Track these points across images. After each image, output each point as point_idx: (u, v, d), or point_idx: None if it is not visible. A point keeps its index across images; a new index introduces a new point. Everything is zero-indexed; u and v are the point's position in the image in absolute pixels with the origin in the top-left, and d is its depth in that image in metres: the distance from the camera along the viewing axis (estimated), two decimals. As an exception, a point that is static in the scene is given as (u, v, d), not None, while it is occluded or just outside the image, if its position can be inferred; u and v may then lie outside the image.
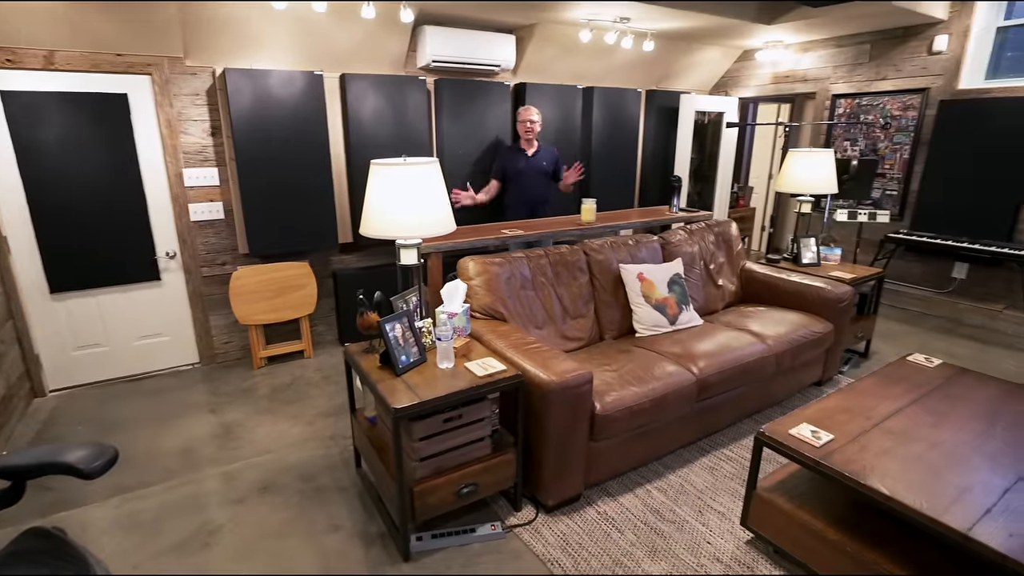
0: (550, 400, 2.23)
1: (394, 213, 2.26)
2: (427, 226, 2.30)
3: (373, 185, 2.30)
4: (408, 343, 2.33)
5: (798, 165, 3.70)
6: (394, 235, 2.27)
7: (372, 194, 2.30)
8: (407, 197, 2.26)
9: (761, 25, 4.45)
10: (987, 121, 4.09)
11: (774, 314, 3.37)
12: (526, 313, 2.93)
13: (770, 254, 3.89)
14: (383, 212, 2.27)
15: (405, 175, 2.25)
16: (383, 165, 2.27)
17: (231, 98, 3.49)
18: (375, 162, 2.30)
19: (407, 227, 2.27)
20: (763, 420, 3.14)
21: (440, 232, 2.34)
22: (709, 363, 2.78)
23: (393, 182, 2.25)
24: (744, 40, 5.03)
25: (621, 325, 3.19)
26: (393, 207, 2.26)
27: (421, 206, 2.28)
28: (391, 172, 2.25)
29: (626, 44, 4.28)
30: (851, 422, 2.19)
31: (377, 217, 2.28)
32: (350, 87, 3.89)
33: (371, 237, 2.32)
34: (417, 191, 2.27)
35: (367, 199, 2.33)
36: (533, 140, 4.05)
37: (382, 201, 2.27)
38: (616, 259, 3.22)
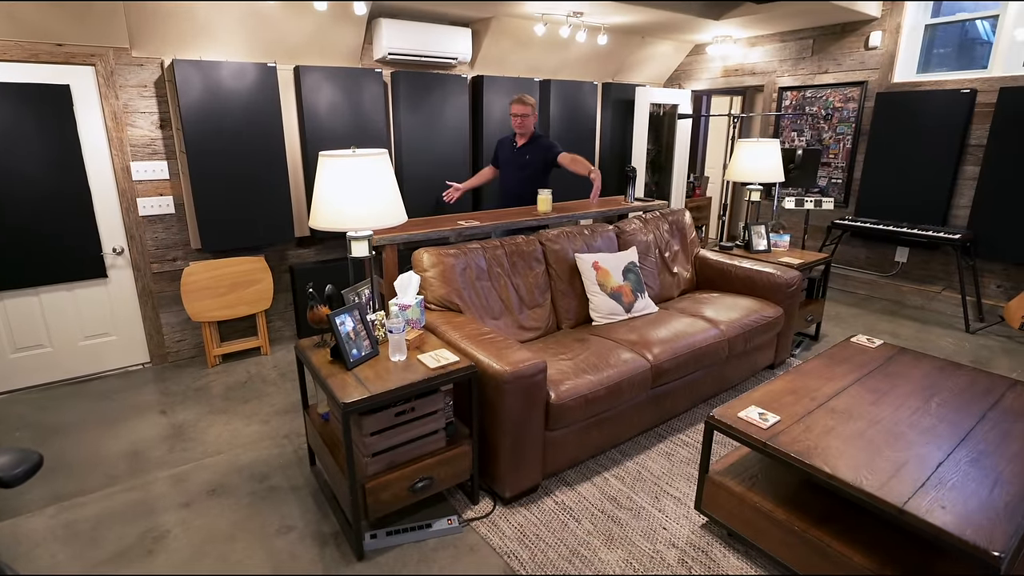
0: (504, 390, 2.17)
1: (343, 205, 2.16)
2: (377, 217, 2.20)
3: (322, 177, 2.19)
4: (360, 337, 2.23)
5: (746, 155, 3.72)
6: (344, 227, 2.17)
7: (321, 186, 2.19)
8: (356, 188, 2.16)
9: (710, 20, 4.46)
10: (920, 112, 4.20)
11: (727, 300, 3.38)
12: (482, 304, 2.86)
13: (724, 242, 3.91)
14: (332, 204, 2.16)
15: (354, 166, 2.15)
16: (332, 157, 2.16)
17: (180, 90, 3.30)
18: (323, 154, 2.19)
19: (357, 219, 2.17)
20: (718, 404, 3.15)
21: (391, 223, 2.25)
22: (663, 350, 2.77)
23: (342, 173, 2.15)
24: (694, 35, 5.05)
25: (578, 314, 3.15)
26: (342, 199, 2.15)
27: (371, 197, 2.18)
28: (340, 163, 2.15)
29: (580, 38, 4.23)
30: (797, 403, 2.20)
31: (326, 209, 2.17)
32: (305, 79, 3.73)
33: (320, 230, 2.21)
34: (367, 182, 2.17)
35: (316, 191, 2.22)
36: (525, 132, 3.72)
37: (331, 193, 2.16)
38: (572, 248, 3.18)
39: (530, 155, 3.70)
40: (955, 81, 4.10)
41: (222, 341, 3.91)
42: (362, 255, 2.33)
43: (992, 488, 1.69)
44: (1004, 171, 3.87)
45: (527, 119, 3.61)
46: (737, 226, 6.08)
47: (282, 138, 3.69)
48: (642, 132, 5.24)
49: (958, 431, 2.00)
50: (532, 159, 3.70)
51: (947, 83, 4.13)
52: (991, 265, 4.09)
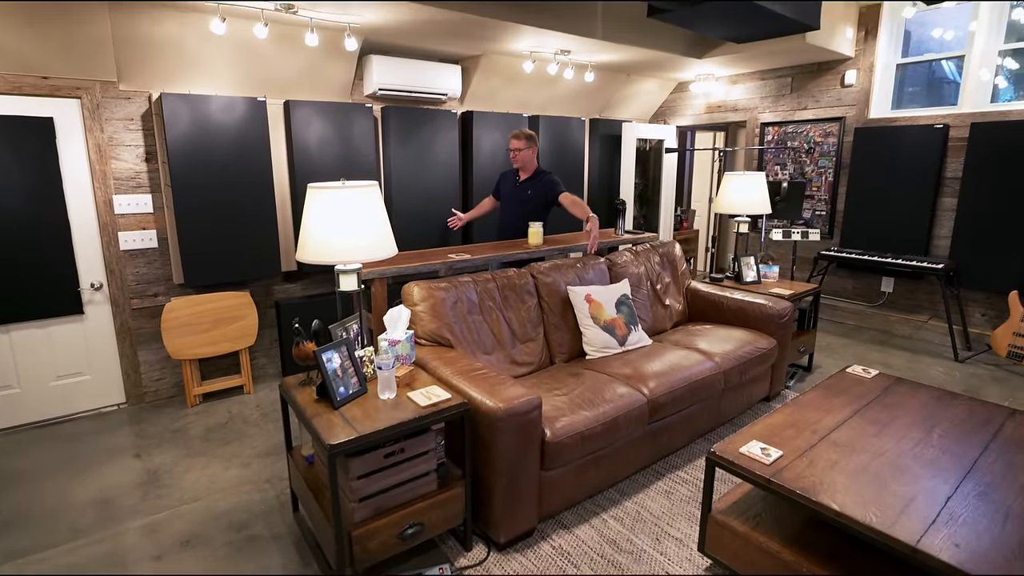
0: (498, 428, 2.08)
1: (332, 237, 2.10)
2: (367, 250, 2.15)
3: (310, 209, 2.14)
4: (347, 374, 2.14)
5: (733, 188, 3.75)
6: (332, 260, 2.11)
7: (309, 218, 2.14)
8: (346, 221, 2.11)
9: (693, 59, 4.58)
10: (896, 146, 4.31)
11: (720, 331, 3.35)
12: (474, 338, 2.79)
13: (713, 273, 3.91)
14: (321, 236, 2.11)
15: (343, 198, 2.11)
16: (321, 188, 2.12)
17: (168, 123, 3.26)
18: (312, 185, 2.14)
19: (346, 251, 2.11)
20: (716, 439, 3.08)
21: (380, 257, 2.20)
22: (659, 383, 2.71)
23: (331, 206, 2.10)
24: (678, 73, 5.18)
25: (571, 348, 3.09)
26: (331, 231, 2.10)
27: (360, 230, 2.13)
28: (329, 195, 2.10)
29: (568, 75, 4.31)
30: (798, 437, 2.14)
31: (315, 242, 2.11)
32: (295, 114, 3.72)
33: (308, 263, 2.15)
34: (356, 215, 2.12)
35: (304, 223, 2.16)
36: (524, 167, 3.71)
37: (320, 225, 2.11)
38: (564, 281, 3.14)
39: (532, 191, 3.70)
40: (928, 117, 4.23)
41: (203, 380, 3.77)
42: (351, 289, 2.26)
43: (1004, 523, 1.63)
44: (981, 202, 3.96)
45: (520, 153, 3.62)
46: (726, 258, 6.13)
47: (270, 172, 3.66)
48: (629, 166, 5.30)
49: (962, 463, 1.95)
50: (533, 195, 3.70)
51: (920, 119, 4.25)
52: (974, 294, 4.13)
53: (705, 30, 3.75)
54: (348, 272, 2.24)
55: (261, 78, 3.66)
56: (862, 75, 4.46)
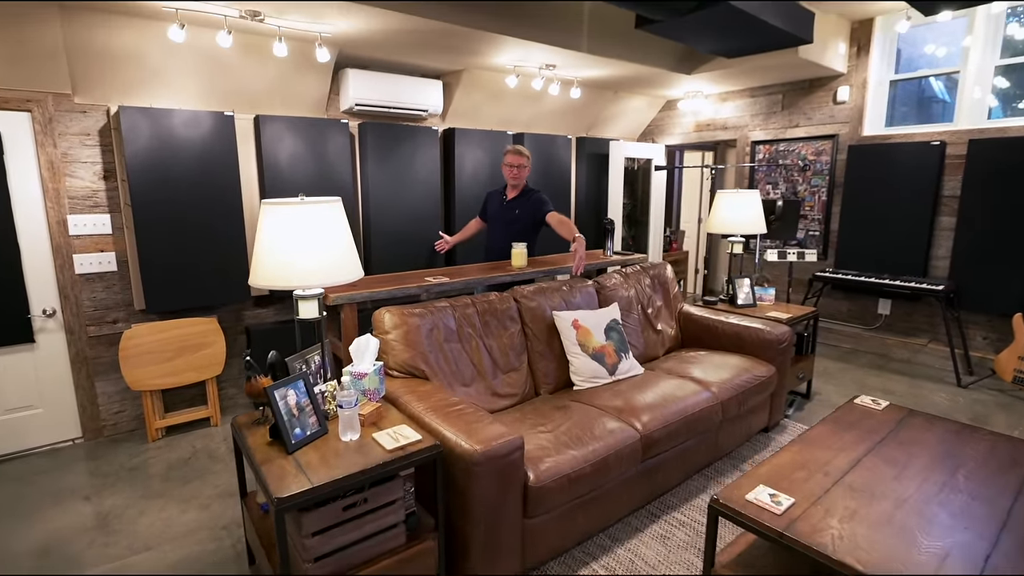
0: (475, 473, 1.83)
1: (290, 259, 1.86)
2: (329, 273, 1.91)
3: (264, 227, 1.90)
4: (304, 413, 1.88)
5: (727, 206, 3.56)
6: (289, 285, 1.87)
7: (263, 238, 1.90)
8: (305, 241, 1.87)
9: (682, 75, 4.44)
10: (892, 164, 4.16)
11: (715, 358, 3.12)
12: (451, 369, 2.54)
13: (706, 296, 3.69)
14: (276, 258, 1.86)
15: (301, 215, 1.87)
16: (276, 205, 1.88)
17: (127, 138, 3.03)
18: (267, 202, 1.91)
19: (305, 274, 1.87)
20: (713, 475, 2.82)
21: (344, 280, 1.95)
22: (653, 417, 2.46)
23: (288, 224, 1.86)
24: (667, 90, 5.04)
25: (557, 377, 2.84)
26: (288, 252, 1.86)
27: (321, 251, 1.89)
28: (285, 212, 1.87)
29: (553, 91, 4.14)
30: (810, 480, 1.90)
31: (269, 264, 1.87)
32: (265, 129, 3.50)
33: (261, 287, 1.90)
34: (316, 234, 1.89)
35: (257, 243, 1.92)
36: (518, 185, 3.47)
37: (275, 246, 1.87)
38: (549, 306, 2.91)
39: (519, 210, 3.47)
40: (924, 134, 4.09)
41: (167, 412, 3.47)
42: (311, 316, 2.01)
43: (1057, 590, 1.39)
44: (981, 221, 3.80)
45: (522, 170, 3.41)
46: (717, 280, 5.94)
47: (239, 190, 3.42)
48: (617, 186, 5.13)
49: (996, 511, 1.72)
50: (521, 214, 3.47)
51: (916, 136, 4.12)
52: (975, 316, 3.95)
53: (695, 43, 3.60)
54: (308, 298, 1.99)
55: (229, 91, 3.45)
56: (855, 91, 4.33)
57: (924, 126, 4.19)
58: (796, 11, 3.50)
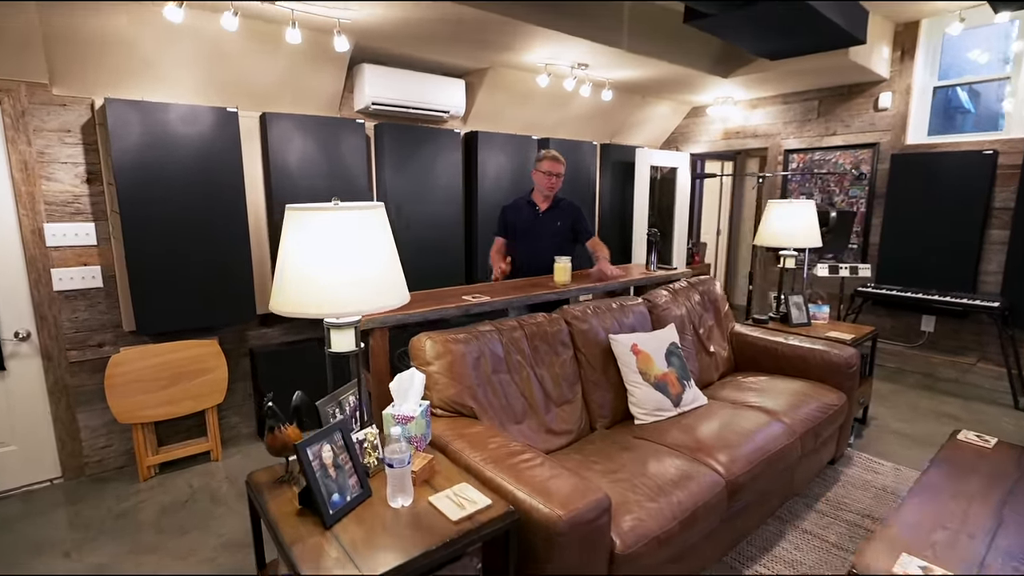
0: (557, 543, 1.43)
1: (322, 280, 1.44)
2: (370, 298, 1.49)
3: (289, 240, 1.48)
4: (342, 472, 1.45)
5: (778, 217, 3.21)
6: (321, 312, 1.44)
7: (288, 253, 1.48)
8: (340, 257, 1.45)
9: (713, 80, 4.11)
10: (939, 174, 3.86)
11: (778, 384, 2.75)
12: (501, 404, 2.12)
13: (756, 314, 3.33)
14: (305, 279, 1.44)
15: (336, 225, 1.45)
16: (303, 211, 1.46)
17: (114, 136, 2.58)
18: (292, 208, 1.48)
19: (341, 301, 1.45)
20: (788, 517, 2.43)
21: (388, 306, 1.53)
22: (734, 457, 2.08)
23: (319, 235, 1.44)
24: (695, 95, 4.71)
25: (614, 410, 2.44)
26: (320, 272, 1.44)
27: (360, 269, 1.47)
28: (317, 221, 1.45)
29: (584, 92, 3.77)
30: (956, 544, 1.53)
31: (296, 286, 1.45)
32: (273, 128, 3.07)
33: (286, 315, 1.47)
34: (354, 248, 1.47)
35: (280, 260, 1.50)
36: (551, 196, 3.09)
37: (303, 263, 1.44)
38: (603, 328, 2.51)
39: (560, 221, 3.07)
40: (973, 143, 3.80)
41: (160, 446, 2.99)
42: (346, 350, 1.59)
43: None
44: (1036, 234, 3.51)
45: (561, 180, 3.01)
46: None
47: (243, 196, 2.98)
48: (643, 195, 4.77)
49: None
50: (562, 226, 3.08)
51: (964, 145, 3.82)
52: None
53: (743, 40, 3.26)
54: (343, 327, 1.57)
55: (232, 85, 3.01)
56: (898, 98, 4.03)
57: (972, 135, 3.90)
58: (852, 8, 3.18)
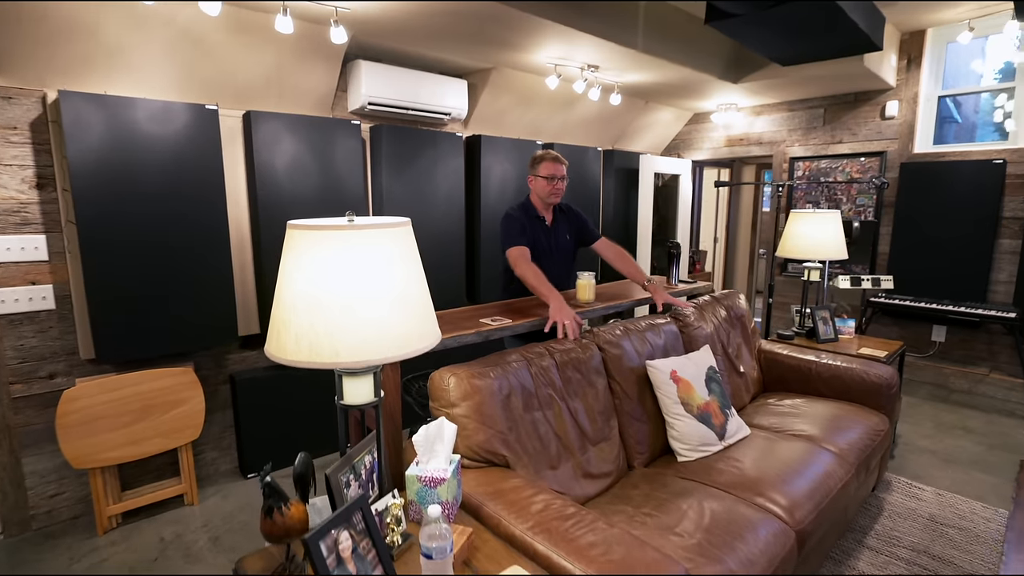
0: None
1: (335, 319, 1.07)
2: (397, 340, 1.13)
3: (291, 266, 1.11)
4: (363, 562, 1.09)
5: (803, 229, 2.97)
6: (338, 362, 1.08)
7: (289, 283, 1.11)
8: (360, 288, 1.09)
9: (718, 86, 3.87)
10: (948, 183, 3.70)
11: (816, 408, 2.48)
12: (535, 448, 1.78)
13: (780, 330, 3.07)
14: (313, 317, 1.08)
15: (354, 247, 1.09)
16: (311, 230, 1.10)
17: (70, 135, 2.14)
18: (296, 225, 1.12)
19: (362, 346, 1.09)
20: (841, 557, 2.16)
21: (421, 349, 1.18)
22: (795, 499, 1.79)
23: (331, 261, 1.08)
24: (698, 101, 4.47)
25: (652, 444, 2.12)
26: (333, 308, 1.07)
27: (386, 304, 1.11)
28: (327, 243, 1.08)
29: (593, 96, 3.47)
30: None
31: (301, 327, 1.08)
32: (258, 129, 2.66)
33: (291, 364, 1.10)
34: (378, 277, 1.11)
35: (280, 293, 1.13)
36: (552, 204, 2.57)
37: (310, 296, 1.08)
38: (635, 352, 2.19)
39: (569, 234, 2.62)
40: (981, 152, 3.65)
41: (124, 491, 2.54)
42: (364, 402, 1.23)
43: None
44: (1049, 244, 3.36)
45: (565, 183, 2.58)
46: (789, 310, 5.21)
47: (223, 204, 2.57)
48: (647, 203, 4.50)
49: None
50: (572, 239, 2.63)
51: (972, 154, 3.66)
52: (1040, 345, 3.49)
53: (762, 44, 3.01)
54: (360, 374, 1.21)
55: (212, 80, 2.60)
56: (904, 106, 3.86)
57: (979, 144, 3.76)
58: (873, 13, 2.97)
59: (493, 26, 2.64)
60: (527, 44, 2.91)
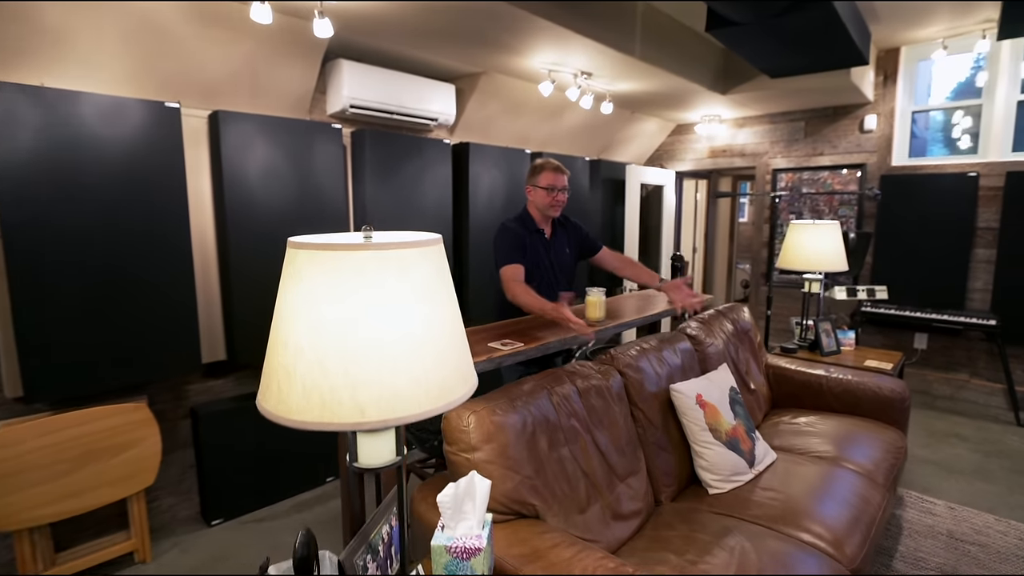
0: None
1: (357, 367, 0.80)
2: (435, 391, 0.86)
3: (296, 296, 0.83)
4: None
5: (803, 239, 2.87)
6: (364, 420, 0.80)
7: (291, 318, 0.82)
8: (388, 325, 0.82)
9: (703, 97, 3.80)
10: (925, 195, 3.73)
11: (831, 424, 2.35)
12: (563, 491, 1.53)
13: (785, 343, 2.95)
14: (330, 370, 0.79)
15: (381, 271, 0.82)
16: (323, 250, 0.82)
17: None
18: (300, 243, 0.84)
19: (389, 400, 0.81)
20: (873, 589, 2.01)
21: (460, 398, 0.91)
22: (839, 534, 1.63)
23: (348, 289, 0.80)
24: (683, 113, 4.39)
25: (678, 475, 1.92)
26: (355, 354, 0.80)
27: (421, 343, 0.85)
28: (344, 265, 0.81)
29: (585, 104, 3.30)
30: None
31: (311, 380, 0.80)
32: (227, 130, 2.33)
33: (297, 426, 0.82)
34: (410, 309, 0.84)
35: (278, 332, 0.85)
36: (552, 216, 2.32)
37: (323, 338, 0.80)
38: (655, 373, 1.99)
39: (570, 248, 2.40)
40: (954, 165, 3.70)
41: (59, 552, 2.12)
42: (384, 463, 0.96)
43: None
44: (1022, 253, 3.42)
45: (567, 195, 2.33)
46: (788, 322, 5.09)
47: (186, 214, 2.23)
48: (634, 214, 4.36)
49: None
50: (572, 252, 2.41)
51: (947, 167, 3.71)
52: (1015, 350, 3.54)
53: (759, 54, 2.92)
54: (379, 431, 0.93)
55: (174, 75, 2.26)
56: (882, 120, 3.89)
57: (952, 157, 3.82)
58: (862, 27, 2.94)
59: (489, 25, 2.42)
60: (522, 47, 2.70)
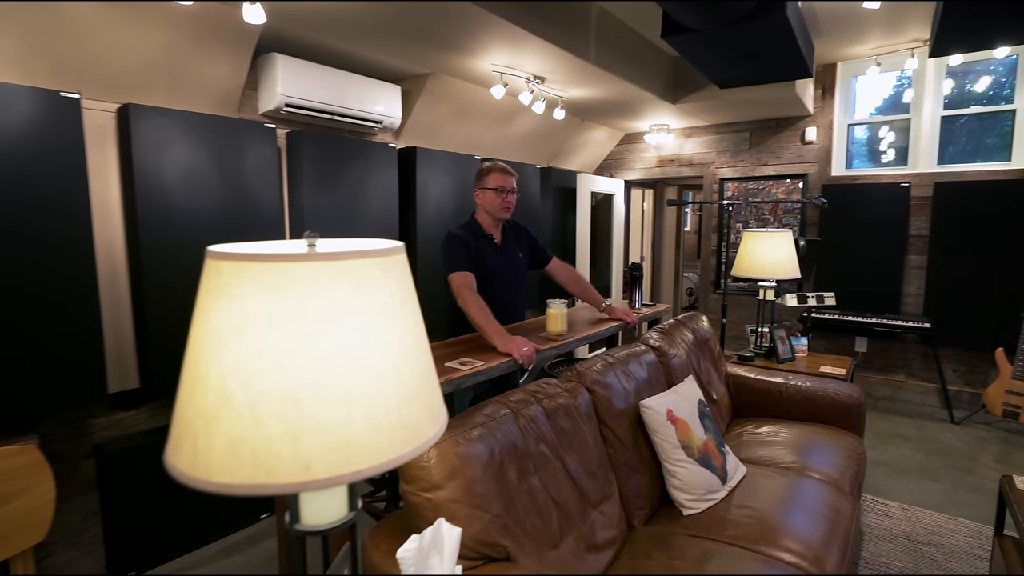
0: None
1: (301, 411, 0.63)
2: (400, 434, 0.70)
3: (221, 322, 0.65)
4: None
5: (757, 248, 2.91)
6: (305, 479, 0.64)
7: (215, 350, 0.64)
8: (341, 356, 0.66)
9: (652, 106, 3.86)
10: (863, 204, 3.96)
11: (792, 432, 2.37)
12: (535, 525, 1.40)
13: (742, 351, 2.97)
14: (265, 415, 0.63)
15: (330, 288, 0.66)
16: (257, 261, 0.65)
17: None
18: (223, 253, 0.66)
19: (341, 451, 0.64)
20: (842, 600, 2.00)
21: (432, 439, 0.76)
22: (819, 549, 1.61)
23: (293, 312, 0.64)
24: (632, 121, 4.43)
25: (650, 497, 1.84)
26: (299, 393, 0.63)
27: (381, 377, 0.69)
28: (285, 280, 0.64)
29: (538, 108, 3.23)
30: None
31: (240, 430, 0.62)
32: (139, 127, 2.06)
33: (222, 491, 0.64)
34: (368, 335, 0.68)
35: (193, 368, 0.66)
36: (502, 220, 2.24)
37: (256, 375, 0.63)
38: (623, 389, 1.91)
39: (521, 252, 2.30)
40: (888, 176, 3.93)
41: (-81, 633, 1.74)
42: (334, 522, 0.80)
43: None
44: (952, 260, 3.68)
45: (516, 196, 2.24)
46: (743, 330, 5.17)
47: (88, 224, 1.94)
48: (585, 223, 4.34)
49: None
50: (524, 258, 2.31)
51: (882, 177, 3.94)
52: (945, 351, 3.78)
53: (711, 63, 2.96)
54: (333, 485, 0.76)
55: (73, 61, 1.97)
56: (822, 132, 4.09)
57: (884, 169, 4.06)
58: (808, 40, 3.05)
59: (439, 22, 2.30)
60: (473, 46, 2.59)
